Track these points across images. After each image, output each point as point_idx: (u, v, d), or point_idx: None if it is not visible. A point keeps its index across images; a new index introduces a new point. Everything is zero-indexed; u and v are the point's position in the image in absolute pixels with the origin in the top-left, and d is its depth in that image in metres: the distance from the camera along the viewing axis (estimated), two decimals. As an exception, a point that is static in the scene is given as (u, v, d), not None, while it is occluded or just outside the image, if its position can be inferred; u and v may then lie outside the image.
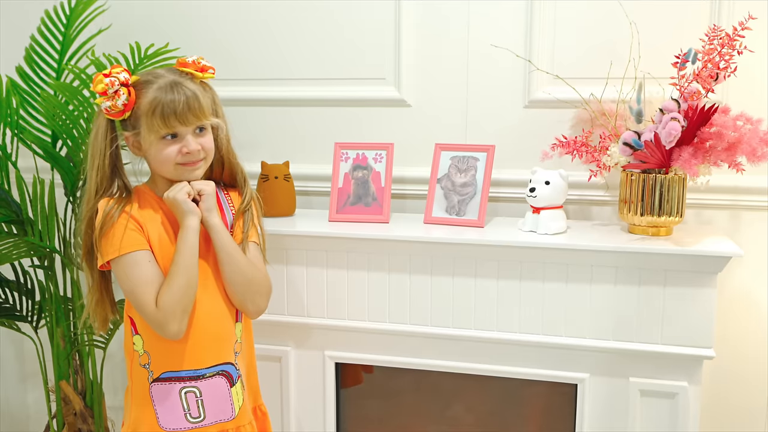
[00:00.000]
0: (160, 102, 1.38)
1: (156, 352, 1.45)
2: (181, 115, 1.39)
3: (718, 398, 1.94)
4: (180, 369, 1.44)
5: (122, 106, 1.39)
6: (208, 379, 1.46)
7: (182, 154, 1.42)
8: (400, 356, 1.84)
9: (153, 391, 1.45)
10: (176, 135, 1.41)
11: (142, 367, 1.46)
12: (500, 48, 1.92)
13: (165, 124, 1.39)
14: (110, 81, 1.38)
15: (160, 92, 1.39)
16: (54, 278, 2.03)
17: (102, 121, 1.44)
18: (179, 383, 1.44)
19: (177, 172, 1.45)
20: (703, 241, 1.66)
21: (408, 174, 2.05)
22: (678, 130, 1.54)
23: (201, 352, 1.46)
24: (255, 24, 2.13)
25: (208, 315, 1.47)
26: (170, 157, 1.42)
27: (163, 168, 1.45)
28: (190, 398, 1.45)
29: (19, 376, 2.54)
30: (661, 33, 1.83)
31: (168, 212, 1.48)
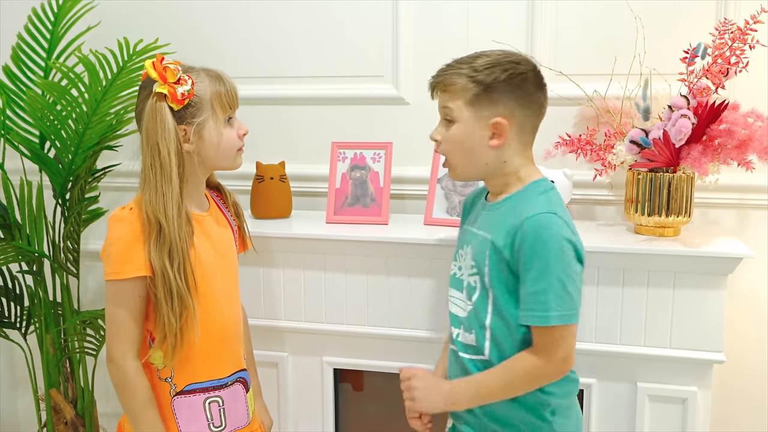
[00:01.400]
0: (222, 86, 1.38)
1: (180, 366, 1.38)
2: (237, 99, 1.42)
3: (726, 402, 1.89)
4: (205, 380, 1.41)
5: (189, 92, 1.35)
6: (229, 387, 1.44)
7: (240, 137, 1.43)
8: (401, 362, 1.79)
9: (175, 404, 1.39)
10: (231, 119, 1.42)
11: (162, 381, 1.39)
12: (501, 44, 1.87)
13: (229, 106, 1.40)
14: (175, 66, 1.34)
15: (215, 78, 1.39)
16: (43, 283, 1.98)
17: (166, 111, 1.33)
18: (204, 394, 1.41)
19: (235, 159, 1.44)
20: (713, 242, 1.62)
21: (407, 174, 2.00)
22: (688, 128, 1.50)
23: (224, 360, 1.44)
24: (248, 20, 2.09)
25: (231, 324, 1.46)
26: (234, 141, 1.42)
27: (227, 155, 1.42)
28: (213, 408, 1.42)
29: (9, 383, 2.49)
30: (667, 27, 1.79)
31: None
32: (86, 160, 1.90)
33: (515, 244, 1.25)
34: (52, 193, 1.98)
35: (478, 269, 1.32)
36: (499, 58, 1.30)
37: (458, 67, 1.31)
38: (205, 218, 1.43)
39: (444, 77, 1.32)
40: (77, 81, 1.81)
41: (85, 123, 1.84)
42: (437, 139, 1.35)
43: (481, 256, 1.31)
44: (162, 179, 1.32)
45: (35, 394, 2.08)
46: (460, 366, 1.36)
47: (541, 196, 1.30)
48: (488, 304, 1.31)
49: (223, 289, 1.44)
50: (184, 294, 1.31)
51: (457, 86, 1.29)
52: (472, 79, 1.28)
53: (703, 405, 1.62)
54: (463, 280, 1.36)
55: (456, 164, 1.35)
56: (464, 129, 1.30)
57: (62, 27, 1.99)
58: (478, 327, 1.32)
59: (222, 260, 1.44)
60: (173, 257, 1.30)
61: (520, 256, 1.24)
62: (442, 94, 1.33)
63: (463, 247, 1.38)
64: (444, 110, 1.33)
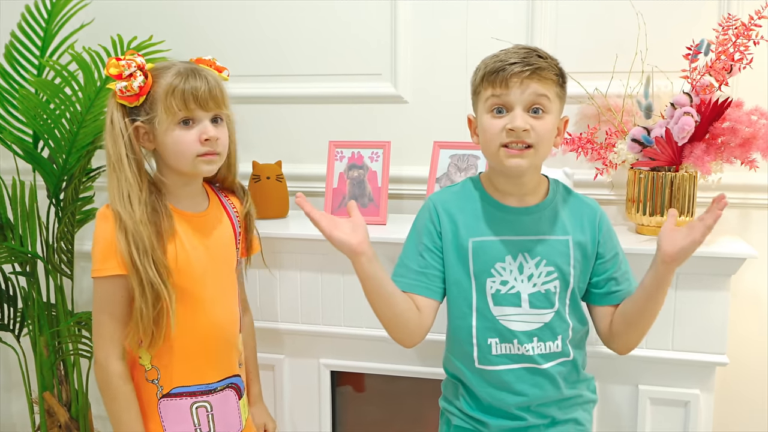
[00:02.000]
0: (180, 82, 1.29)
1: (167, 368, 1.36)
2: (202, 98, 1.30)
3: (729, 405, 1.87)
4: (192, 384, 1.38)
5: (138, 89, 1.29)
6: (218, 393, 1.41)
7: (201, 142, 1.31)
8: (398, 364, 1.77)
9: (162, 406, 1.37)
10: (193, 121, 1.32)
11: (149, 382, 1.37)
12: (501, 41, 1.84)
13: (185, 105, 1.29)
14: (126, 63, 1.29)
15: (179, 76, 1.30)
16: (37, 285, 1.95)
17: (114, 107, 1.32)
18: (191, 398, 1.38)
19: (195, 165, 1.33)
20: (716, 242, 1.60)
21: (405, 173, 1.98)
22: (691, 126, 1.47)
23: (214, 365, 1.40)
24: (244, 18, 2.07)
25: (222, 328, 1.41)
26: (190, 146, 1.31)
27: (180, 160, 1.33)
28: (201, 413, 1.39)
29: (3, 385, 2.46)
30: (669, 24, 1.76)
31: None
32: (80, 159, 1.87)
33: (598, 233, 1.33)
34: (45, 193, 1.95)
35: (560, 272, 1.31)
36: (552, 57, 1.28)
37: (545, 56, 1.25)
38: (196, 218, 1.40)
39: (543, 65, 1.23)
40: (71, 79, 1.79)
41: (79, 122, 1.81)
42: (527, 128, 1.22)
43: (563, 258, 1.31)
44: (114, 173, 1.31)
45: (29, 397, 2.05)
46: (545, 379, 1.31)
47: (569, 188, 1.39)
48: (566, 306, 1.32)
49: (213, 291, 1.40)
50: (156, 283, 1.28)
51: (553, 78, 1.24)
52: (559, 72, 1.26)
53: (705, 408, 1.59)
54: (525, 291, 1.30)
55: (542, 155, 1.27)
56: (554, 122, 1.27)
57: (56, 24, 1.96)
58: (563, 331, 1.32)
59: (214, 262, 1.40)
60: (139, 248, 1.28)
61: (606, 241, 1.34)
62: (535, 83, 1.22)
63: (503, 258, 1.30)
64: (537, 98, 1.23)
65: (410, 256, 1.36)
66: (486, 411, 1.35)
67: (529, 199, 1.32)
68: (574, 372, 1.35)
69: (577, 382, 1.37)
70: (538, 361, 1.31)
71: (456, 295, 1.34)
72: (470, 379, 1.35)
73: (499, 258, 1.30)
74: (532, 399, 1.31)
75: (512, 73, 1.22)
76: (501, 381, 1.31)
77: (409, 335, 1.33)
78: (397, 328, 1.32)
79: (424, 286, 1.34)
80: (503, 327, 1.31)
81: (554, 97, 1.24)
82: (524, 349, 1.30)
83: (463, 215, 1.33)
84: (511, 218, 1.32)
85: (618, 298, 1.34)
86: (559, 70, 1.26)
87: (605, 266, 1.34)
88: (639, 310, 1.29)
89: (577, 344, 1.36)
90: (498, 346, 1.31)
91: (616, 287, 1.34)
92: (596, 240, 1.33)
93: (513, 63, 1.22)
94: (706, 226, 1.20)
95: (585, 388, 1.39)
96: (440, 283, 1.35)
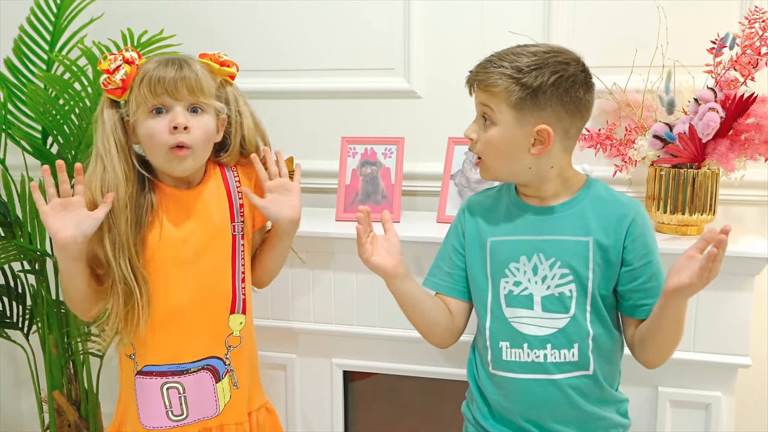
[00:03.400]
0: (151, 70, 1.27)
1: (139, 342, 1.35)
2: (169, 84, 1.26)
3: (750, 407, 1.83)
4: (162, 363, 1.35)
5: (120, 82, 1.27)
6: (192, 374, 1.37)
7: (170, 131, 1.27)
8: (411, 364, 1.75)
9: (136, 383, 1.36)
10: (166, 111, 1.28)
11: (127, 357, 1.37)
12: (517, 35, 1.81)
13: (151, 92, 1.26)
14: (113, 57, 1.28)
15: (163, 63, 1.28)
16: (46, 283, 1.93)
17: (103, 101, 1.33)
18: (161, 378, 1.35)
19: (168, 162, 1.30)
20: (739, 241, 1.56)
21: (419, 170, 1.95)
22: (717, 122, 1.44)
23: (185, 344, 1.36)
24: (256, 12, 2.04)
25: (195, 305, 1.36)
26: (160, 134, 1.27)
27: (153, 152, 1.30)
28: (173, 395, 1.36)
29: (12, 381, 2.45)
30: (691, 17, 1.72)
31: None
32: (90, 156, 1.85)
33: (626, 238, 1.23)
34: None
35: (576, 275, 1.24)
36: (547, 58, 1.19)
37: (501, 64, 1.19)
38: (185, 195, 1.37)
39: (486, 75, 1.20)
40: (80, 74, 1.76)
41: (88, 118, 1.79)
42: (472, 137, 1.25)
43: (579, 260, 1.24)
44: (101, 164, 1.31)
45: (38, 396, 2.04)
46: (558, 391, 1.25)
47: (610, 188, 1.30)
48: (587, 312, 1.24)
49: (196, 269, 1.36)
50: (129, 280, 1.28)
51: (499, 87, 1.18)
52: (517, 81, 1.17)
53: (726, 411, 1.56)
54: (538, 293, 1.25)
55: (491, 166, 1.26)
56: (505, 133, 1.20)
57: (65, 19, 1.94)
58: (581, 339, 1.25)
59: (200, 238, 1.36)
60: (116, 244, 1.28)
61: (635, 247, 1.23)
62: (481, 92, 1.23)
63: (518, 258, 1.27)
64: (483, 108, 1.23)
65: (442, 256, 1.39)
66: (497, 420, 1.31)
67: (551, 199, 1.28)
68: (595, 389, 1.27)
69: (602, 402, 1.28)
70: (550, 370, 1.25)
71: (476, 296, 1.33)
72: (484, 384, 1.32)
73: (513, 258, 1.27)
74: (541, 413, 1.26)
75: (467, 81, 1.26)
76: (509, 389, 1.28)
77: (440, 338, 1.37)
78: (429, 333, 1.36)
79: (450, 287, 1.36)
80: (514, 330, 1.27)
81: (506, 109, 1.19)
82: (534, 355, 1.25)
83: (487, 215, 1.33)
84: (532, 217, 1.28)
85: (644, 312, 1.24)
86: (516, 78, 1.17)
87: (632, 275, 1.24)
88: (651, 334, 1.23)
89: (604, 356, 1.27)
90: (508, 351, 1.27)
91: (643, 300, 1.25)
92: (621, 245, 1.24)
93: (469, 71, 1.26)
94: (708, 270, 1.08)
95: (614, 411, 1.31)
96: (465, 284, 1.35)
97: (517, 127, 1.20)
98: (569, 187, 1.28)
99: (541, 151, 1.21)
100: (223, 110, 1.37)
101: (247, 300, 1.44)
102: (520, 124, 1.19)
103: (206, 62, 1.36)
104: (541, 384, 1.25)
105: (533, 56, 1.19)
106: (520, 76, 1.17)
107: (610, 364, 1.29)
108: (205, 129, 1.32)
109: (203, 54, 1.38)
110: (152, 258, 1.33)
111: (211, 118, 1.33)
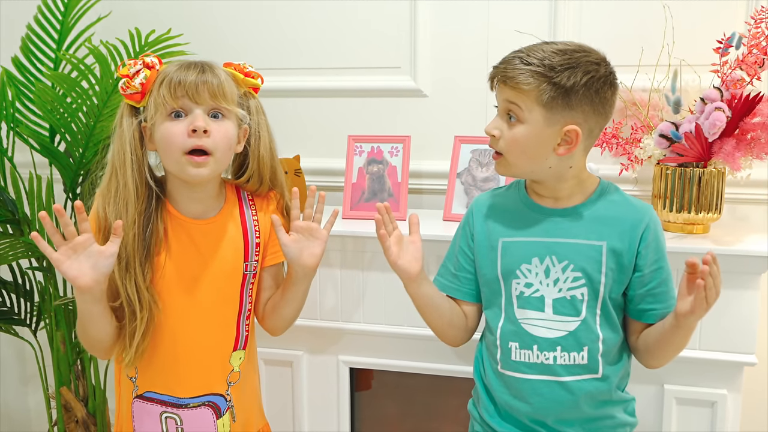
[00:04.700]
0: (171, 72, 1.22)
1: (142, 368, 1.32)
2: (190, 87, 1.20)
3: (756, 405, 1.84)
4: (163, 392, 1.33)
5: (139, 86, 1.23)
6: (191, 409, 1.33)
7: (188, 134, 1.21)
8: (418, 361, 1.75)
9: (135, 406, 1.34)
10: (185, 114, 1.23)
11: (128, 378, 1.34)
12: (523, 34, 1.82)
13: (171, 95, 1.21)
14: (133, 62, 1.24)
15: (183, 67, 1.23)
16: (53, 280, 1.94)
17: (123, 108, 1.28)
18: (160, 406, 1.33)
19: (181, 166, 1.23)
20: (745, 240, 1.57)
21: (425, 168, 1.96)
22: (723, 121, 1.44)
23: (187, 381, 1.33)
24: (263, 11, 2.04)
25: (199, 345, 1.33)
26: (176, 137, 1.21)
27: (168, 156, 1.24)
28: (170, 425, 1.33)
29: (20, 378, 2.46)
30: (697, 16, 1.73)
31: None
32: (97, 153, 1.86)
33: (639, 243, 1.22)
34: (62, 187, 1.95)
35: (589, 278, 1.23)
36: (579, 57, 1.16)
37: (530, 61, 1.16)
38: (198, 225, 1.31)
39: (515, 72, 1.16)
40: (87, 73, 1.77)
41: (95, 116, 1.80)
42: (495, 134, 1.22)
43: (593, 264, 1.22)
44: (114, 180, 1.26)
45: (45, 392, 2.05)
46: (566, 393, 1.25)
47: (622, 192, 1.28)
48: (597, 315, 1.24)
49: (201, 306, 1.32)
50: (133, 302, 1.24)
51: (530, 85, 1.15)
52: (550, 80, 1.14)
53: (732, 408, 1.56)
54: (549, 295, 1.24)
55: (512, 164, 1.23)
56: (532, 132, 1.18)
57: (72, 17, 1.95)
58: (590, 342, 1.24)
59: (208, 274, 1.32)
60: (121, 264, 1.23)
61: (648, 253, 1.22)
62: (508, 89, 1.19)
63: (530, 260, 1.26)
64: (509, 106, 1.20)
65: (449, 256, 1.40)
66: (503, 418, 1.32)
67: (565, 201, 1.27)
68: (604, 391, 1.27)
69: (609, 403, 1.29)
70: (558, 372, 1.24)
71: (488, 296, 1.32)
72: (492, 382, 1.32)
73: (525, 259, 1.26)
74: (547, 413, 1.26)
75: (491, 76, 1.23)
76: (517, 389, 1.28)
77: (454, 338, 1.38)
78: (444, 333, 1.37)
79: (456, 288, 1.36)
80: (524, 331, 1.26)
81: (535, 107, 1.17)
82: (544, 357, 1.25)
83: (498, 216, 1.32)
84: (544, 219, 1.27)
85: (652, 317, 1.25)
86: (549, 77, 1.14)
87: (642, 280, 1.24)
88: (659, 345, 1.24)
89: (612, 360, 1.27)
90: (517, 352, 1.27)
91: (651, 305, 1.25)
92: (635, 250, 1.23)
93: (495, 66, 1.22)
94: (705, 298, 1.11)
95: (621, 410, 1.31)
96: (472, 285, 1.35)
97: (546, 127, 1.18)
98: (584, 189, 1.27)
99: (567, 151, 1.19)
100: (245, 119, 1.32)
101: (249, 336, 1.40)
102: (549, 123, 1.17)
103: (231, 71, 1.31)
104: (549, 385, 1.25)
105: (564, 55, 1.16)
106: (552, 75, 1.14)
107: (619, 366, 1.28)
108: (226, 134, 1.26)
109: (228, 63, 1.33)
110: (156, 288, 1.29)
111: (232, 124, 1.28)
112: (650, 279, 1.24)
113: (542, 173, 1.24)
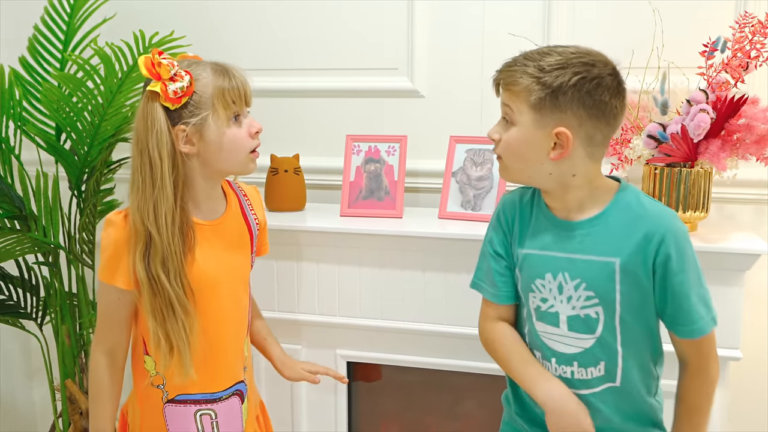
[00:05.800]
0: (228, 79, 1.27)
1: (171, 375, 1.33)
2: (248, 93, 1.31)
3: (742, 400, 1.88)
4: (197, 392, 1.36)
5: (185, 90, 1.24)
6: (224, 401, 1.39)
7: (251, 136, 1.31)
8: (414, 355, 1.79)
9: (167, 411, 1.37)
10: (237, 117, 1.30)
11: (155, 387, 1.36)
12: (517, 37, 1.86)
13: (235, 101, 1.28)
14: (170, 62, 1.24)
15: (220, 72, 1.27)
16: (59, 275, 1.98)
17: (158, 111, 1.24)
18: (195, 406, 1.37)
19: (245, 164, 1.32)
20: (730, 238, 1.60)
21: (421, 167, 1.99)
22: (707, 123, 1.48)
23: (221, 374, 1.38)
24: (263, 12, 2.08)
25: (230, 338, 1.39)
26: (241, 141, 1.29)
27: (233, 158, 1.30)
28: (206, 421, 1.38)
29: (25, 371, 2.51)
30: (685, 20, 1.76)
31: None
32: (102, 152, 1.90)
33: (654, 258, 1.15)
34: (67, 184, 1.99)
35: (603, 298, 1.18)
36: (572, 58, 1.13)
37: (524, 63, 1.14)
38: (211, 227, 1.35)
39: (508, 73, 1.16)
40: (93, 73, 1.81)
41: (100, 115, 1.84)
42: (495, 138, 1.21)
43: (607, 284, 1.18)
44: (152, 185, 1.24)
45: (51, 385, 2.09)
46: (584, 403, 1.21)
47: (642, 198, 1.20)
48: (617, 333, 1.20)
49: (224, 302, 1.36)
50: (184, 302, 1.27)
51: (520, 86, 1.14)
52: (538, 80, 1.12)
53: (718, 403, 1.59)
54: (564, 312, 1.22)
55: (510, 167, 1.22)
56: (523, 134, 1.16)
57: (78, 19, 1.98)
58: (608, 357, 1.21)
59: (227, 271, 1.37)
60: (168, 267, 1.25)
61: (666, 272, 1.15)
62: (503, 91, 1.19)
63: (543, 275, 1.23)
64: (504, 108, 1.19)
65: (483, 257, 1.36)
66: (530, 422, 1.31)
67: (577, 212, 1.22)
68: (624, 399, 1.24)
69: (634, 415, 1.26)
70: (577, 386, 1.23)
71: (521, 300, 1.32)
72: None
73: (539, 274, 1.24)
74: None
75: (493, 81, 1.22)
76: None
77: None
78: None
79: (493, 293, 1.32)
80: (543, 343, 1.26)
81: (525, 108, 1.15)
82: (562, 371, 1.23)
83: (520, 222, 1.29)
84: (558, 231, 1.23)
85: (681, 333, 1.20)
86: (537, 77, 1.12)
87: (663, 296, 1.18)
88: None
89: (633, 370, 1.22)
90: (540, 361, 1.27)
91: (677, 324, 1.19)
92: (651, 266, 1.16)
93: (497, 70, 1.21)
94: None
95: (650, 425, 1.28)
96: (506, 287, 1.31)
97: (535, 129, 1.15)
98: (597, 199, 1.21)
99: (560, 155, 1.15)
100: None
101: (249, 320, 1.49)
102: (539, 125, 1.14)
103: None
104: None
105: (558, 56, 1.13)
106: (540, 75, 1.12)
107: (643, 375, 1.25)
108: None
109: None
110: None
111: None
112: (671, 296, 1.17)
113: (543, 180, 1.20)
